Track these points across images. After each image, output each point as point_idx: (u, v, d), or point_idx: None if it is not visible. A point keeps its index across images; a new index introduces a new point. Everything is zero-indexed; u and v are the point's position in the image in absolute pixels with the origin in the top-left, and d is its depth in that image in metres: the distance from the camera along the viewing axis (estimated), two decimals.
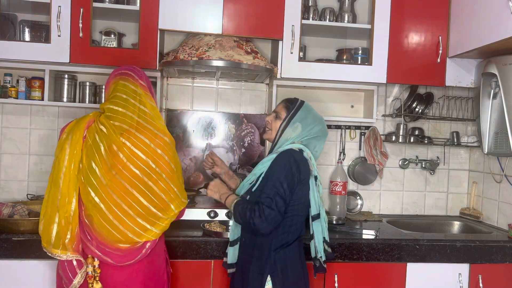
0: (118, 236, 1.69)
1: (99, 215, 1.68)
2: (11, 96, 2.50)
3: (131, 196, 1.68)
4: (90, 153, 1.70)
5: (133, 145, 1.70)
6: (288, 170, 1.84)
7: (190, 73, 2.67)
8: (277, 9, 2.48)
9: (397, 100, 2.97)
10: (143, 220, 1.71)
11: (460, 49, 2.51)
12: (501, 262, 2.33)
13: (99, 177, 1.68)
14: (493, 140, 2.48)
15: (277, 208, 1.80)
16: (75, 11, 2.32)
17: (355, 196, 2.91)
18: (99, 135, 1.71)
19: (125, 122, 1.73)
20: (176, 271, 2.15)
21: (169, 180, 1.75)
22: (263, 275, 1.84)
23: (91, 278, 1.73)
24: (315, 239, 1.95)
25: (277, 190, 1.81)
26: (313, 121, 2.00)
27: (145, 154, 1.70)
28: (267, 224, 1.79)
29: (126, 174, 1.68)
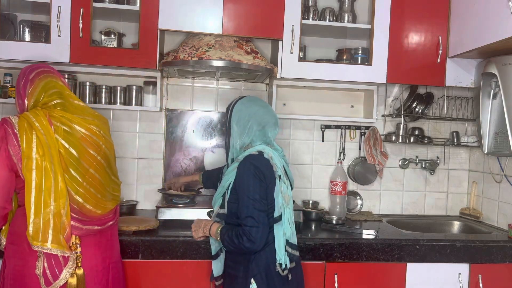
0: (100, 205, 1.85)
1: (81, 189, 1.79)
2: (11, 96, 2.50)
3: (90, 175, 1.83)
4: (65, 139, 1.78)
5: (70, 120, 1.80)
6: (255, 180, 1.79)
7: (190, 73, 2.67)
8: (277, 9, 2.48)
9: (397, 100, 2.97)
10: (113, 191, 1.96)
11: (460, 49, 2.51)
12: (501, 262, 2.33)
13: (75, 156, 1.78)
14: (493, 140, 2.48)
15: (262, 223, 1.77)
16: (75, 11, 2.32)
17: (355, 196, 2.91)
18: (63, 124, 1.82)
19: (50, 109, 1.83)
20: (176, 271, 2.15)
21: (112, 157, 1.98)
22: (247, 279, 1.81)
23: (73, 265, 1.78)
24: (276, 244, 1.83)
25: (253, 206, 1.77)
26: (249, 118, 1.91)
27: (80, 126, 1.83)
28: (259, 243, 1.78)
29: (92, 154, 1.84)
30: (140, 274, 2.13)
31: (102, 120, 1.94)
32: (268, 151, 1.87)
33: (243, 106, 1.95)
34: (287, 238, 1.85)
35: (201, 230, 2.00)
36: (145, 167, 2.76)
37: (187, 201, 2.43)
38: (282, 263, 1.82)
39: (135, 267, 2.12)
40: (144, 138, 2.77)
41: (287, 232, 1.85)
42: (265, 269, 1.82)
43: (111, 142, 1.97)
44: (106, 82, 2.66)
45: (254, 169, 1.80)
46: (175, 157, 2.79)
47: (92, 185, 1.81)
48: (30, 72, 1.87)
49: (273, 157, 1.87)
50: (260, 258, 1.82)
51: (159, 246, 2.12)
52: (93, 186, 1.82)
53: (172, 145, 2.79)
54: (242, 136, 1.90)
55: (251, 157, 1.84)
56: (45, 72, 1.89)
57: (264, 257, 1.83)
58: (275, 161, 1.86)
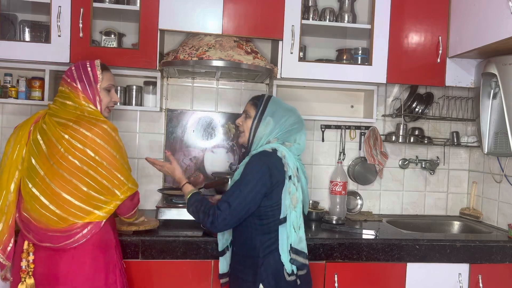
0: (59, 221, 1.71)
1: (37, 205, 1.72)
2: (11, 96, 2.50)
3: (71, 184, 1.71)
4: (30, 148, 1.77)
5: (71, 136, 1.73)
6: (259, 178, 1.75)
7: (190, 73, 2.67)
8: (277, 9, 2.48)
9: (397, 100, 2.97)
10: (85, 205, 1.73)
11: (460, 49, 2.51)
12: (501, 262, 2.33)
13: (36, 169, 1.73)
14: (493, 140, 2.48)
15: (234, 216, 1.74)
16: (75, 11, 2.32)
17: (355, 196, 2.91)
18: (40, 132, 1.78)
19: (63, 117, 1.79)
20: (176, 271, 2.15)
21: (111, 167, 1.76)
22: (255, 284, 1.79)
23: (24, 273, 1.74)
24: (280, 247, 1.78)
25: (238, 196, 1.74)
26: (285, 113, 1.89)
27: (83, 144, 1.73)
28: (219, 229, 1.79)
29: (64, 165, 1.72)
30: (140, 274, 2.13)
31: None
32: (282, 150, 1.83)
33: (280, 101, 1.94)
34: (291, 243, 1.78)
35: (175, 178, 1.99)
36: (145, 167, 2.76)
37: None
38: (287, 267, 1.77)
39: (135, 267, 2.12)
40: (144, 138, 2.77)
41: (292, 237, 1.79)
42: (273, 274, 1.78)
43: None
44: None
45: (264, 168, 1.76)
46: (175, 157, 2.78)
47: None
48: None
49: (286, 156, 1.82)
50: (269, 263, 1.79)
51: (159, 246, 2.12)
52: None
53: (172, 145, 2.79)
54: (274, 130, 1.87)
55: (263, 153, 1.81)
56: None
57: (273, 262, 1.79)
58: (287, 161, 1.81)
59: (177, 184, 2.00)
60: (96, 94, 1.87)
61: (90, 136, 1.74)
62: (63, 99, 1.85)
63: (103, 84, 1.90)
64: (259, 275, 1.78)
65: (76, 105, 1.83)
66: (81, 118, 1.78)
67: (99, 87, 1.88)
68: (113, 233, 1.88)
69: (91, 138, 1.74)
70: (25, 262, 1.74)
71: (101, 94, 1.89)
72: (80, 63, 1.91)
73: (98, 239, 1.78)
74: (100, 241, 1.79)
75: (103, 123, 1.78)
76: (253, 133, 1.89)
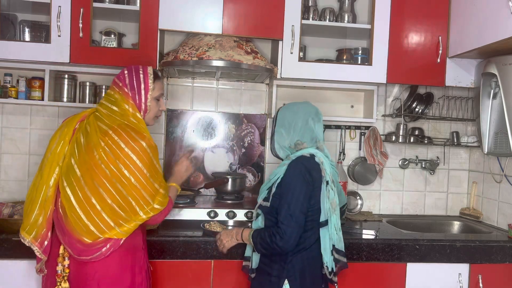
0: (83, 228, 1.70)
1: (68, 205, 1.72)
2: (11, 96, 2.50)
3: (99, 194, 1.71)
4: (72, 147, 1.79)
5: (106, 145, 1.72)
6: (302, 180, 1.84)
7: (190, 73, 2.67)
8: (277, 9, 2.48)
9: (397, 100, 2.97)
10: (109, 218, 1.71)
11: (460, 49, 2.51)
12: (501, 262, 2.33)
13: (74, 169, 1.74)
14: (493, 140, 2.48)
15: (299, 224, 1.82)
16: (75, 11, 2.32)
17: (355, 196, 2.91)
18: (83, 134, 1.79)
19: (106, 123, 1.77)
20: (176, 271, 2.15)
21: (138, 184, 1.73)
22: (280, 279, 1.85)
23: (59, 277, 1.74)
24: (322, 247, 1.89)
25: (295, 205, 1.82)
26: (292, 116, 1.97)
27: (115, 156, 1.71)
28: (292, 243, 1.82)
29: (96, 172, 1.71)
30: None
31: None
32: (320, 156, 1.93)
33: (286, 109, 2.03)
34: (334, 244, 1.90)
35: (234, 239, 2.03)
36: None
37: (187, 201, 2.43)
38: (329, 266, 1.88)
39: None
40: None
41: (334, 238, 1.90)
42: (299, 272, 1.86)
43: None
44: (106, 82, 2.66)
45: (305, 170, 1.85)
46: (175, 157, 2.79)
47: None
48: None
49: (324, 162, 1.92)
50: (297, 261, 1.86)
51: (159, 246, 2.12)
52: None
53: (172, 145, 2.79)
54: (289, 135, 1.95)
55: (302, 158, 1.90)
56: None
57: (301, 261, 1.87)
58: (325, 166, 1.91)
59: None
60: (146, 103, 1.86)
61: (125, 149, 1.72)
62: (110, 103, 1.83)
63: (154, 93, 1.88)
64: (286, 271, 1.85)
65: (122, 113, 1.81)
66: (122, 129, 1.75)
67: (149, 96, 1.86)
68: (142, 235, 1.89)
69: (125, 152, 1.72)
70: (60, 266, 1.75)
71: (151, 103, 1.87)
72: (134, 68, 1.89)
73: (127, 242, 1.77)
74: (128, 244, 1.78)
75: (141, 139, 1.76)
76: (272, 146, 2.02)
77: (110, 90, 1.88)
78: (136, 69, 1.89)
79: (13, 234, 2.07)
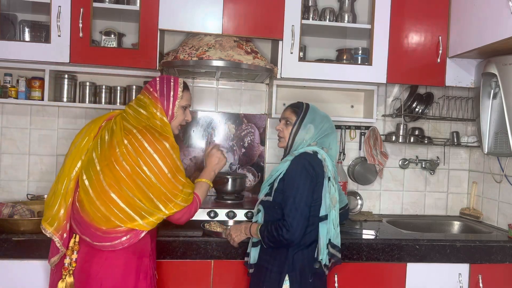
0: (102, 218, 1.74)
1: (86, 198, 1.76)
2: (11, 96, 2.50)
3: (119, 187, 1.74)
4: (95, 143, 1.84)
5: (129, 143, 1.77)
6: (306, 174, 1.89)
7: (190, 73, 2.67)
8: (277, 9, 2.48)
9: (397, 100, 2.97)
10: (130, 209, 1.75)
11: (460, 49, 2.51)
12: (501, 262, 2.33)
13: (94, 163, 1.78)
14: (493, 140, 2.48)
15: (302, 216, 1.86)
16: (75, 11, 2.32)
17: (355, 196, 2.91)
18: (108, 131, 1.85)
19: (132, 124, 1.83)
20: (176, 271, 2.15)
21: (158, 183, 1.77)
22: (281, 274, 1.88)
23: (66, 270, 1.76)
24: (319, 241, 1.92)
25: (300, 199, 1.86)
26: (322, 120, 2.06)
27: (137, 154, 1.76)
28: (298, 235, 1.85)
29: (117, 168, 1.75)
30: None
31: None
32: (322, 153, 1.98)
33: (316, 109, 2.10)
34: (330, 238, 1.94)
35: (243, 233, 2.07)
36: None
37: None
38: (323, 260, 1.91)
39: None
40: None
41: (331, 232, 1.94)
42: (300, 269, 1.90)
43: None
44: (106, 82, 2.66)
45: (308, 164, 1.90)
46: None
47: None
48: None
49: (326, 159, 1.97)
50: (298, 258, 1.90)
51: (159, 246, 2.12)
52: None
53: None
54: (314, 135, 2.01)
55: (305, 154, 1.95)
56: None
57: (302, 258, 1.90)
58: (327, 163, 1.96)
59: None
60: (173, 110, 1.92)
61: (147, 148, 1.77)
62: (139, 106, 1.89)
63: (182, 102, 1.95)
64: (287, 266, 1.89)
65: (149, 116, 1.86)
66: (147, 129, 1.81)
67: (177, 103, 1.93)
68: (150, 241, 1.89)
69: (148, 150, 1.77)
70: (68, 259, 1.77)
71: (178, 111, 1.94)
72: (166, 78, 1.96)
73: (134, 246, 1.78)
74: (135, 248, 1.79)
75: (164, 140, 1.81)
76: (293, 137, 2.03)
77: (140, 95, 1.94)
78: (168, 78, 1.96)
79: (13, 234, 2.07)
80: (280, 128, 2.09)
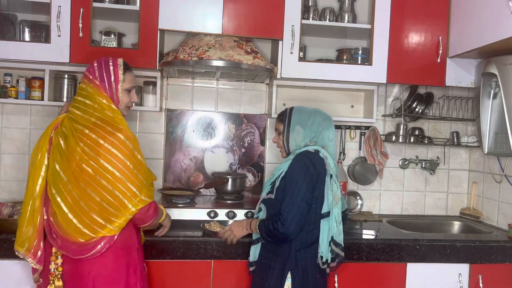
0: (75, 230, 1.72)
1: (58, 212, 1.73)
2: (11, 96, 2.50)
3: (86, 194, 1.72)
4: (54, 153, 1.78)
5: (85, 145, 1.73)
6: (306, 171, 1.91)
7: (190, 73, 2.67)
8: (277, 9, 2.48)
9: (397, 100, 2.97)
10: (98, 217, 1.72)
11: (460, 49, 2.51)
12: (501, 262, 2.33)
13: (60, 175, 1.74)
14: (493, 140, 2.48)
15: (298, 210, 1.88)
16: (75, 11, 2.32)
17: (355, 196, 2.91)
18: (61, 137, 1.78)
19: (81, 124, 1.77)
20: (176, 271, 2.15)
21: (123, 177, 1.73)
22: (283, 271, 1.89)
23: (52, 276, 1.75)
24: (320, 238, 1.93)
25: (297, 194, 1.88)
26: (309, 116, 2.05)
27: (95, 153, 1.72)
28: (293, 229, 1.87)
29: (80, 173, 1.72)
30: None
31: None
32: (324, 152, 2.00)
33: (302, 108, 2.10)
34: (333, 235, 1.95)
35: (244, 229, 2.09)
36: None
37: (187, 201, 2.43)
38: (324, 256, 1.92)
39: None
40: (144, 138, 2.76)
41: (333, 230, 1.95)
42: (302, 266, 1.91)
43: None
44: None
45: (309, 162, 1.92)
46: (175, 157, 2.79)
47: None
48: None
49: (327, 157, 2.00)
50: (300, 255, 1.91)
51: (159, 246, 2.12)
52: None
53: (172, 145, 2.79)
54: (306, 134, 2.02)
55: (307, 152, 1.98)
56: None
57: (304, 256, 1.92)
58: (329, 161, 1.99)
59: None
60: (117, 94, 1.85)
61: (104, 145, 1.72)
62: (84, 97, 1.82)
63: (125, 85, 1.88)
64: (289, 263, 1.90)
65: (96, 106, 1.80)
66: (98, 125, 1.75)
67: (120, 87, 1.86)
68: (136, 235, 1.88)
69: (104, 147, 1.72)
70: (53, 265, 1.76)
71: (122, 95, 1.87)
72: (104, 61, 1.87)
73: (121, 241, 1.78)
74: (122, 243, 1.79)
75: (119, 132, 1.75)
76: (287, 144, 2.05)
77: (82, 84, 1.86)
78: (106, 60, 1.87)
79: (13, 234, 2.05)
80: (276, 140, 2.14)
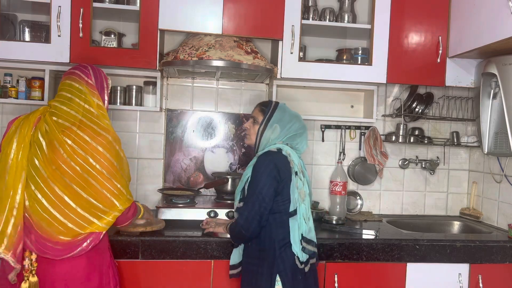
0: (60, 227, 1.70)
1: (39, 207, 1.70)
2: (11, 96, 2.50)
3: (72, 190, 1.71)
4: (33, 149, 1.74)
5: (73, 142, 1.73)
6: (267, 177, 1.88)
7: (190, 73, 2.67)
8: (277, 9, 2.48)
9: (397, 100, 2.97)
10: (86, 213, 1.72)
11: (460, 49, 2.51)
12: (501, 262, 2.33)
13: (40, 171, 1.71)
14: (493, 140, 2.48)
15: (254, 209, 1.88)
16: (75, 11, 2.32)
17: (355, 196, 2.91)
18: (41, 133, 1.75)
19: (67, 120, 1.77)
20: (176, 271, 2.15)
21: (111, 177, 1.75)
22: (271, 275, 1.87)
23: (27, 272, 1.72)
24: (291, 238, 1.91)
25: (257, 196, 1.88)
26: (290, 119, 2.03)
27: (84, 151, 1.73)
28: (253, 226, 1.88)
29: (66, 170, 1.71)
30: (140, 274, 2.13)
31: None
32: (286, 149, 1.97)
33: (286, 108, 2.07)
34: (303, 233, 1.93)
35: (221, 228, 2.15)
36: (145, 167, 2.76)
37: (187, 201, 2.43)
38: (299, 256, 1.89)
39: (135, 267, 2.12)
40: (144, 138, 2.77)
41: (302, 227, 1.93)
42: (290, 266, 1.89)
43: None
44: None
45: (271, 165, 1.90)
46: (175, 157, 2.79)
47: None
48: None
49: (291, 154, 1.97)
50: (286, 255, 1.89)
51: (159, 246, 2.12)
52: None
53: (172, 145, 2.79)
54: (280, 135, 2.00)
55: (269, 153, 1.95)
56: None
57: (290, 254, 1.90)
58: (292, 158, 1.96)
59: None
60: (107, 99, 1.95)
61: (93, 144, 1.74)
62: (71, 94, 1.82)
63: (108, 93, 1.98)
64: (276, 266, 1.88)
65: (81, 102, 1.81)
66: (85, 124, 1.77)
67: (106, 94, 1.96)
68: (106, 235, 1.88)
69: (93, 146, 1.74)
70: (28, 261, 1.73)
71: (107, 100, 1.96)
72: (95, 67, 1.96)
73: (95, 247, 1.78)
74: (95, 248, 1.78)
75: (107, 133, 1.79)
76: (260, 137, 2.02)
77: (73, 82, 1.86)
78: (98, 68, 1.97)
79: None
80: (248, 126, 2.09)
